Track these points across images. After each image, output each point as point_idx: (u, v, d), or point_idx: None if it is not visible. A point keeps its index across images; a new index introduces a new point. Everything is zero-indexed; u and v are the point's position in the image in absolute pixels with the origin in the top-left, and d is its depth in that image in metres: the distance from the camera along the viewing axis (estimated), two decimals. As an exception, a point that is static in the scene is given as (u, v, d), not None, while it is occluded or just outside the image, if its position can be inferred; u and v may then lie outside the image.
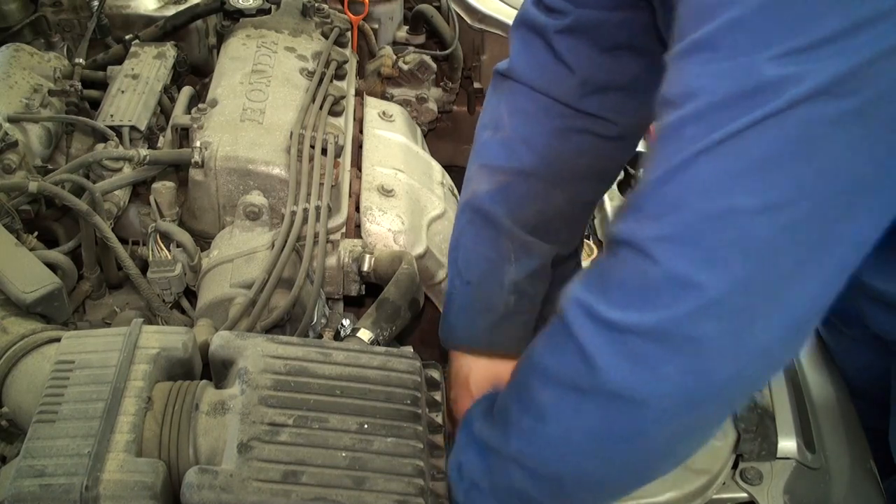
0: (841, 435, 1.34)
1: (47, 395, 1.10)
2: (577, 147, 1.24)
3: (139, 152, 1.62)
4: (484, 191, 1.26)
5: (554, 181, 1.25)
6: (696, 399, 0.82)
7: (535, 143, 1.24)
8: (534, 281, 1.30)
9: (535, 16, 1.21)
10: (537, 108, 1.23)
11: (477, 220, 1.28)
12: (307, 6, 2.09)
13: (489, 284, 1.27)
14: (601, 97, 1.21)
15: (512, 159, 1.24)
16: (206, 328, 1.39)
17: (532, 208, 1.26)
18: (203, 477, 1.03)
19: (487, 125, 1.29)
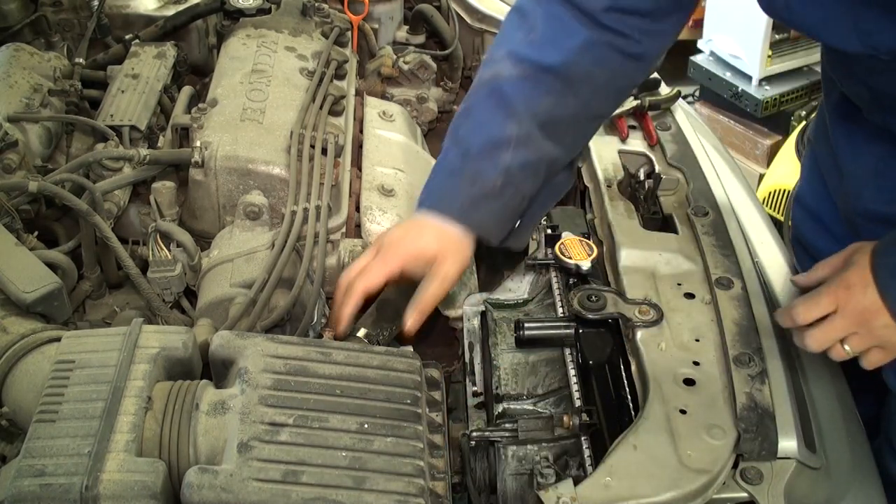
0: (841, 435, 1.34)
1: (47, 394, 1.10)
2: (598, 57, 1.34)
3: (139, 152, 1.62)
4: (507, 75, 1.34)
5: (571, 84, 1.34)
6: None
7: (561, 46, 1.33)
8: (525, 173, 1.36)
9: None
10: (569, 16, 1.32)
11: (493, 99, 1.34)
12: (307, 6, 2.09)
13: (484, 160, 1.33)
14: (623, 16, 1.32)
15: (539, 55, 1.33)
16: (206, 328, 1.39)
17: (546, 103, 1.34)
18: (203, 477, 1.03)
19: (519, 27, 1.38)
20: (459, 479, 1.37)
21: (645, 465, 1.17)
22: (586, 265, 1.49)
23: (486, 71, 1.39)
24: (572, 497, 1.13)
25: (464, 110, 1.39)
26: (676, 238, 1.53)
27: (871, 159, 1.46)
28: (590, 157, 1.75)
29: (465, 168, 1.35)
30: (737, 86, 3.94)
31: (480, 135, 1.35)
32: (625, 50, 1.35)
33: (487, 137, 1.34)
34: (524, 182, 1.37)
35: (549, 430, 1.36)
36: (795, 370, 1.38)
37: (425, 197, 1.40)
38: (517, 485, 1.34)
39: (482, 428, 1.40)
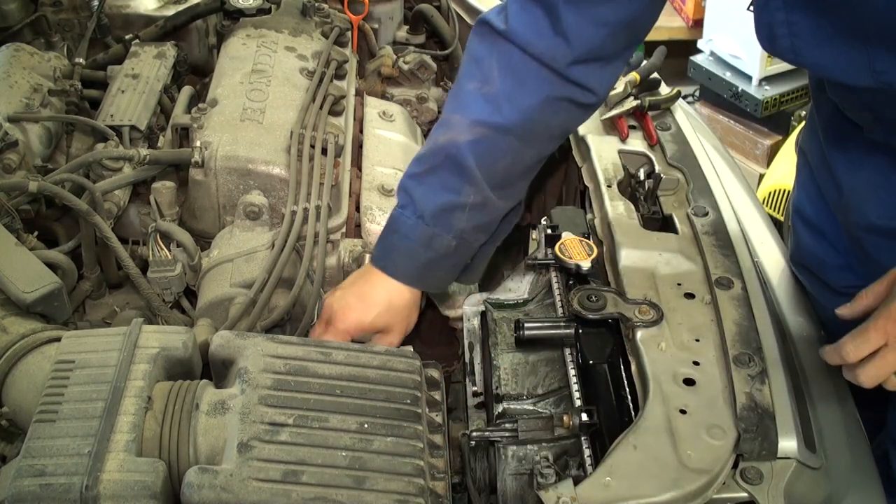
0: (841, 435, 1.34)
1: (47, 394, 1.10)
2: (555, 111, 1.36)
3: (139, 152, 1.62)
4: (463, 140, 1.33)
5: (528, 140, 1.36)
6: None
7: (519, 103, 1.33)
8: (477, 234, 1.41)
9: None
10: (528, 71, 1.31)
11: (449, 164, 1.35)
12: (307, 6, 2.09)
13: (439, 225, 1.35)
14: (587, 67, 1.32)
15: (495, 115, 1.32)
16: (206, 328, 1.39)
17: (503, 163, 1.36)
18: (203, 476, 1.03)
19: (474, 77, 1.36)
20: (459, 479, 1.37)
21: (645, 465, 1.17)
22: (586, 265, 1.49)
23: (441, 134, 1.38)
24: (572, 497, 1.13)
25: (419, 172, 1.39)
26: (676, 238, 1.53)
27: (872, 173, 1.43)
28: (590, 157, 1.75)
29: (420, 232, 1.37)
30: (737, 86, 3.94)
31: (436, 200, 1.36)
32: (581, 101, 1.37)
33: (442, 203, 1.36)
34: (476, 240, 1.42)
35: (549, 430, 1.36)
36: (795, 370, 1.38)
37: (379, 256, 1.41)
38: (517, 485, 1.34)
39: (482, 428, 1.40)
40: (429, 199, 1.36)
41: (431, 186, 1.36)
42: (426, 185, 1.37)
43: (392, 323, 1.41)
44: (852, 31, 1.15)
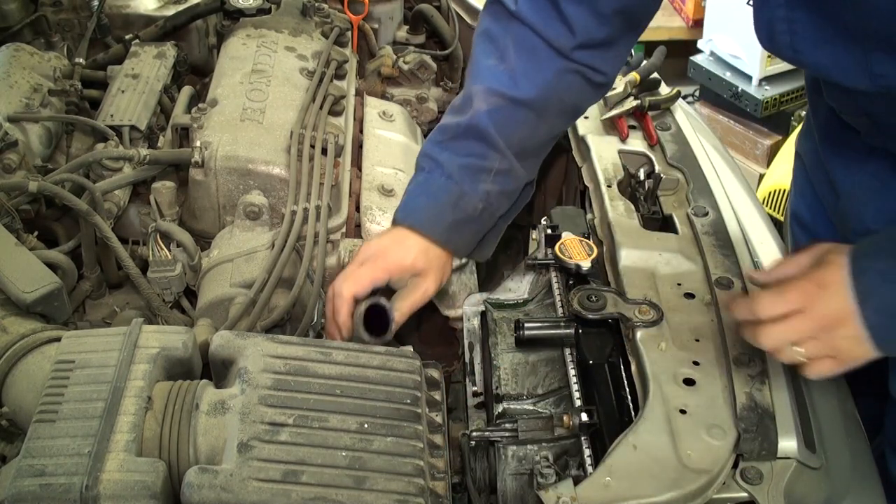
0: (841, 435, 1.33)
1: (47, 394, 1.10)
2: (568, 87, 1.40)
3: (139, 152, 1.62)
4: (483, 109, 1.38)
5: (542, 113, 1.41)
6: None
7: (534, 79, 1.38)
8: (501, 200, 1.43)
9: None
10: (540, 50, 1.37)
11: (471, 134, 1.38)
12: (307, 6, 2.09)
13: (466, 186, 1.38)
14: (592, 52, 1.38)
15: (513, 88, 1.38)
16: (206, 328, 1.39)
17: (519, 134, 1.40)
18: (203, 476, 1.03)
19: (490, 53, 1.41)
20: (459, 479, 1.37)
21: (645, 465, 1.17)
22: (586, 265, 1.49)
23: (463, 104, 1.43)
24: (572, 497, 1.13)
25: (442, 140, 1.42)
26: (676, 238, 1.53)
27: (869, 178, 1.43)
28: (590, 157, 1.75)
29: (449, 191, 1.38)
30: (737, 86, 3.94)
31: (463, 164, 1.38)
32: (592, 79, 1.42)
33: (470, 167, 1.38)
34: (500, 206, 1.44)
35: (549, 430, 1.36)
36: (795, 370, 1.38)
37: (406, 214, 1.42)
38: (517, 485, 1.34)
39: (482, 428, 1.40)
40: (455, 161, 1.38)
41: (457, 151, 1.39)
42: (451, 150, 1.39)
43: (429, 268, 1.40)
44: (853, 31, 1.15)
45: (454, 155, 1.39)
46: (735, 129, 4.02)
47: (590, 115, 1.86)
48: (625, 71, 1.93)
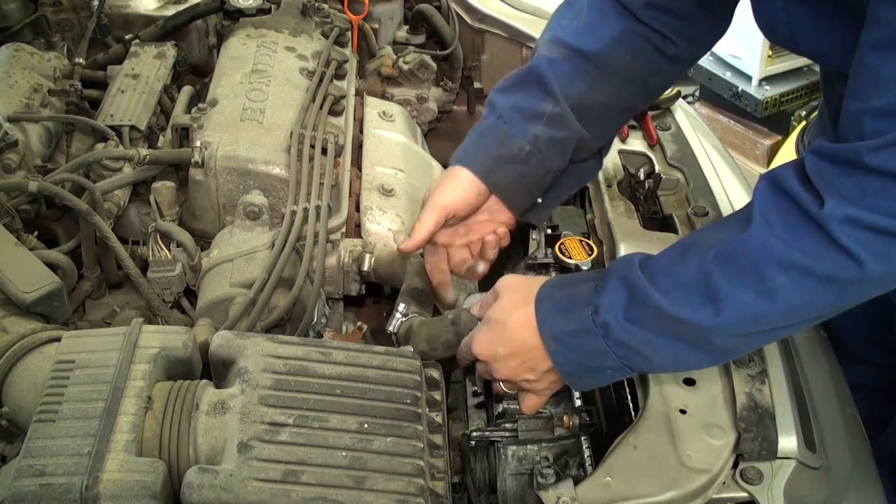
0: (841, 435, 1.34)
1: (47, 394, 1.10)
2: (634, 50, 1.37)
3: (139, 152, 1.62)
4: (547, 56, 1.38)
5: (606, 73, 1.37)
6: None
7: (600, 34, 1.37)
8: (553, 147, 1.37)
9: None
10: (611, 7, 1.37)
11: (531, 77, 1.37)
12: (307, 6, 2.09)
13: (515, 125, 1.35)
14: (660, 15, 1.36)
15: (578, 41, 1.37)
16: (206, 328, 1.39)
17: (580, 87, 1.37)
18: (203, 476, 1.03)
19: (566, 15, 1.42)
20: (459, 479, 1.37)
21: (645, 465, 1.17)
22: (586, 265, 1.49)
23: (533, 53, 1.43)
24: (572, 497, 1.13)
25: (505, 86, 1.41)
26: (676, 238, 1.53)
27: None
28: (590, 157, 1.75)
29: (497, 129, 1.37)
30: (737, 86, 3.94)
31: (515, 105, 1.37)
32: (660, 48, 1.38)
33: (521, 108, 1.36)
34: (551, 156, 1.38)
35: (549, 430, 1.36)
36: (795, 370, 1.38)
37: (457, 154, 1.41)
38: (517, 485, 1.34)
39: (482, 428, 1.40)
40: (508, 103, 1.37)
41: (514, 96, 1.38)
42: (508, 95, 1.38)
43: (483, 207, 1.40)
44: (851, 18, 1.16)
45: (510, 99, 1.38)
46: (735, 129, 4.02)
47: (590, 115, 1.86)
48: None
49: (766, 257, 1.05)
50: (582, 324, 1.15)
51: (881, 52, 0.97)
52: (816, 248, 1.02)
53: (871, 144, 0.97)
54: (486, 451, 1.38)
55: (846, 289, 1.05)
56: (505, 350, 1.23)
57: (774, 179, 1.08)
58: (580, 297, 1.18)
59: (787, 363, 1.34)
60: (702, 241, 1.14)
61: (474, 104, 2.43)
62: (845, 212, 0.99)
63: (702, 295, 1.08)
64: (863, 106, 0.99)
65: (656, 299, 1.10)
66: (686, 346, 1.12)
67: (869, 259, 0.99)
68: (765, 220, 1.06)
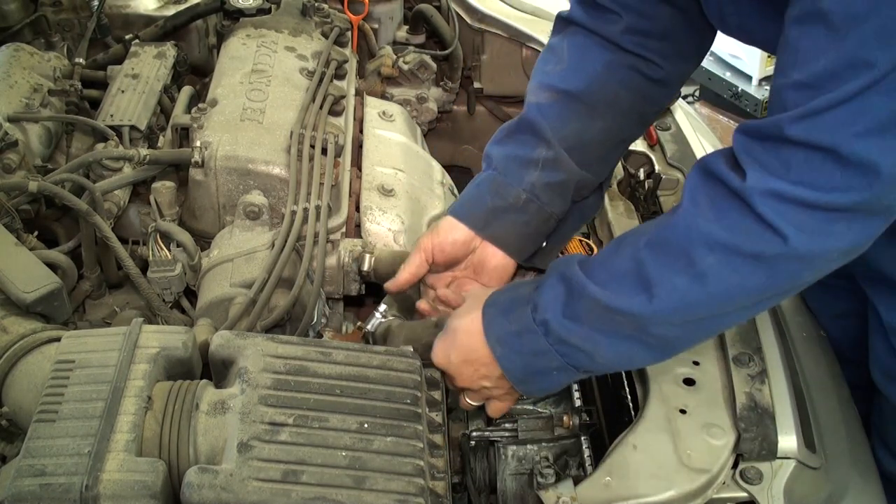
0: (841, 435, 1.34)
1: (47, 394, 1.10)
2: (621, 80, 1.36)
3: (139, 152, 1.62)
4: (535, 102, 1.37)
5: (596, 107, 1.36)
6: (858, 250, 1.03)
7: (586, 70, 1.36)
8: (551, 192, 1.36)
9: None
10: (591, 42, 1.36)
11: (522, 127, 1.37)
12: (307, 6, 2.09)
13: (511, 175, 1.34)
14: (642, 39, 1.34)
15: (564, 82, 1.36)
16: (206, 328, 1.39)
17: (573, 128, 1.35)
18: (203, 476, 1.03)
19: (550, 60, 1.41)
20: (459, 479, 1.37)
21: (645, 464, 1.17)
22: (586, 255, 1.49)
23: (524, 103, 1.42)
24: (572, 497, 1.13)
25: (500, 138, 1.41)
26: (676, 238, 1.53)
27: None
28: (590, 157, 1.75)
29: (491, 180, 1.36)
30: (737, 86, 3.94)
31: (509, 154, 1.36)
32: (646, 73, 1.37)
33: (516, 157, 1.36)
34: (551, 200, 1.36)
35: (549, 430, 1.36)
36: (795, 370, 1.38)
37: (453, 206, 1.41)
38: (517, 484, 1.34)
39: (482, 428, 1.40)
40: (502, 154, 1.37)
41: (507, 146, 1.38)
42: (502, 146, 1.38)
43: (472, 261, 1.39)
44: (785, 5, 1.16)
45: (503, 149, 1.38)
46: (735, 129, 4.01)
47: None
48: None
49: (693, 239, 1.04)
50: (523, 324, 1.16)
51: (800, 26, 0.96)
52: (741, 223, 1.01)
53: (791, 115, 0.96)
54: (486, 450, 1.38)
55: (774, 268, 1.03)
56: (457, 357, 1.24)
57: (703, 164, 1.08)
58: (521, 297, 1.19)
59: (787, 363, 1.34)
60: (636, 232, 1.14)
61: (474, 104, 2.43)
62: (767, 185, 0.98)
63: (635, 282, 1.08)
64: (784, 81, 0.98)
65: (592, 291, 1.10)
66: (626, 341, 1.11)
67: (793, 233, 0.98)
68: (692, 203, 1.06)
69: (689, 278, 1.04)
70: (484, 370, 1.22)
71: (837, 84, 0.92)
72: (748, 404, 1.24)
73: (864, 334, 1.58)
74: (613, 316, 1.09)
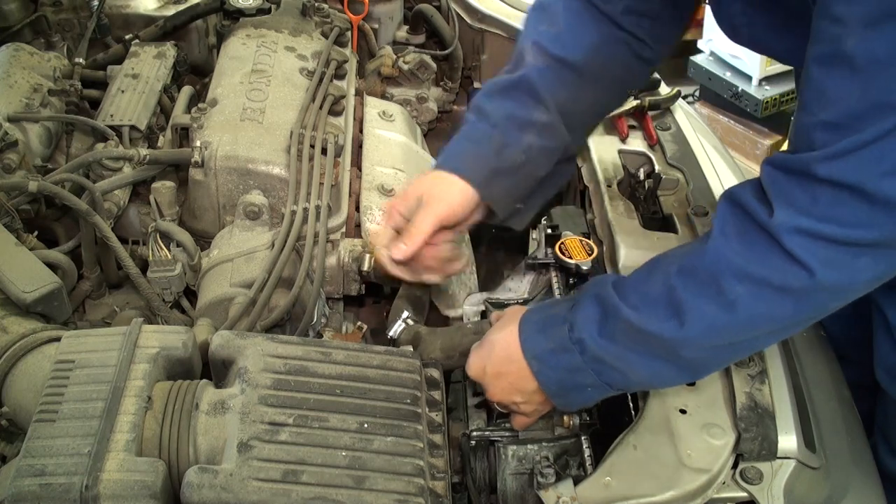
0: (841, 435, 1.34)
1: (47, 394, 1.10)
2: (613, 54, 1.38)
3: (139, 152, 1.62)
4: (533, 64, 1.37)
5: (587, 78, 1.38)
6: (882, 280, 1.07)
7: (581, 40, 1.37)
8: (543, 156, 1.37)
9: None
10: (589, 13, 1.37)
11: (521, 85, 1.37)
12: (307, 6, 2.09)
13: (510, 134, 1.34)
14: (639, 20, 1.37)
15: (559, 48, 1.36)
16: (206, 328, 1.39)
17: (565, 95, 1.37)
18: (203, 476, 1.03)
19: (542, 20, 1.41)
20: (459, 479, 1.37)
21: (645, 464, 1.17)
22: (586, 265, 1.49)
23: (515, 62, 1.41)
24: (572, 497, 1.13)
25: (493, 91, 1.40)
26: (676, 238, 1.53)
27: None
28: (590, 157, 1.75)
29: (492, 139, 1.35)
30: (737, 86, 3.94)
31: (509, 114, 1.36)
32: (637, 51, 1.40)
33: (515, 117, 1.36)
34: (540, 164, 1.38)
35: (549, 430, 1.36)
36: (795, 370, 1.38)
37: (447, 158, 1.38)
38: (517, 484, 1.34)
39: (482, 427, 1.40)
40: (502, 112, 1.36)
41: (504, 103, 1.37)
42: (498, 102, 1.37)
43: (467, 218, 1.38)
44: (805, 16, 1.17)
45: (501, 105, 1.37)
46: (735, 129, 4.02)
47: (590, 115, 1.86)
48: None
49: (723, 269, 1.08)
50: (560, 342, 1.19)
51: (824, 67, 1.00)
52: (769, 258, 1.04)
53: (820, 155, 0.99)
54: (486, 450, 1.38)
55: (802, 299, 1.07)
56: (492, 369, 1.27)
57: (731, 195, 1.11)
58: (557, 315, 1.22)
59: (787, 363, 1.34)
60: (668, 258, 1.17)
61: (474, 104, 2.43)
62: (796, 222, 1.01)
63: (666, 308, 1.11)
64: (812, 119, 1.01)
65: (626, 314, 1.13)
66: (658, 361, 1.15)
67: (819, 268, 1.01)
68: (722, 234, 1.10)
69: (718, 306, 1.08)
70: (518, 384, 1.25)
71: (863, 125, 0.96)
72: (748, 404, 1.24)
73: (865, 334, 1.58)
74: (646, 338, 1.13)
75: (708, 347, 1.13)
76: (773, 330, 1.13)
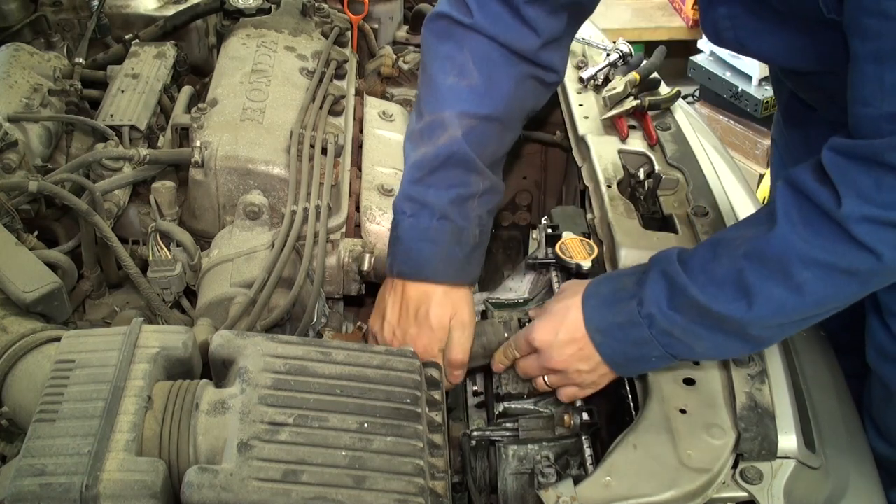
0: (841, 435, 1.34)
1: (47, 394, 1.10)
2: (526, 92, 1.43)
3: (139, 152, 1.62)
4: (459, 135, 1.37)
5: (507, 124, 1.42)
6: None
7: (499, 89, 1.39)
8: (490, 215, 1.43)
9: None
10: (502, 58, 1.38)
11: (452, 162, 1.37)
12: (307, 6, 2.09)
13: (460, 217, 1.36)
14: (552, 51, 1.41)
15: (480, 105, 1.38)
16: (206, 327, 1.39)
17: (490, 149, 1.40)
18: (203, 476, 1.03)
19: (448, 71, 1.39)
20: (460, 479, 1.37)
21: (645, 464, 1.17)
22: (587, 265, 1.49)
23: (436, 135, 1.37)
24: (572, 497, 1.13)
25: (421, 178, 1.37)
26: (676, 238, 1.53)
27: None
28: (590, 157, 1.75)
29: (449, 232, 1.35)
30: (737, 86, 3.94)
31: (451, 198, 1.35)
32: (545, 80, 1.45)
33: (458, 197, 1.36)
34: (490, 221, 1.43)
35: (549, 430, 1.36)
36: (795, 370, 1.38)
37: (418, 268, 1.36)
38: (517, 484, 1.34)
39: (482, 427, 1.40)
40: (444, 199, 1.35)
41: (440, 186, 1.35)
42: (435, 187, 1.36)
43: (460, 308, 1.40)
44: (800, 21, 1.19)
45: (440, 191, 1.35)
46: (735, 129, 4.02)
47: (590, 115, 1.86)
48: (625, 71, 1.93)
49: (791, 255, 1.11)
50: (628, 316, 1.23)
51: (881, 64, 1.02)
52: (837, 245, 1.08)
53: (888, 142, 1.03)
54: (486, 450, 1.38)
55: (868, 280, 1.13)
56: (565, 335, 1.29)
57: (791, 179, 1.14)
58: (624, 290, 1.25)
59: (787, 363, 1.34)
60: (732, 239, 1.20)
61: (474, 104, 2.42)
62: (863, 211, 1.05)
63: (735, 289, 1.15)
64: (876, 111, 1.04)
65: (694, 293, 1.17)
66: (725, 336, 1.19)
67: (887, 252, 1.06)
68: (787, 219, 1.12)
69: (786, 289, 1.13)
70: (588, 352, 1.27)
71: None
72: (748, 404, 1.24)
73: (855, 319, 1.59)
74: (714, 316, 1.17)
75: (775, 326, 1.19)
76: (838, 306, 1.18)
